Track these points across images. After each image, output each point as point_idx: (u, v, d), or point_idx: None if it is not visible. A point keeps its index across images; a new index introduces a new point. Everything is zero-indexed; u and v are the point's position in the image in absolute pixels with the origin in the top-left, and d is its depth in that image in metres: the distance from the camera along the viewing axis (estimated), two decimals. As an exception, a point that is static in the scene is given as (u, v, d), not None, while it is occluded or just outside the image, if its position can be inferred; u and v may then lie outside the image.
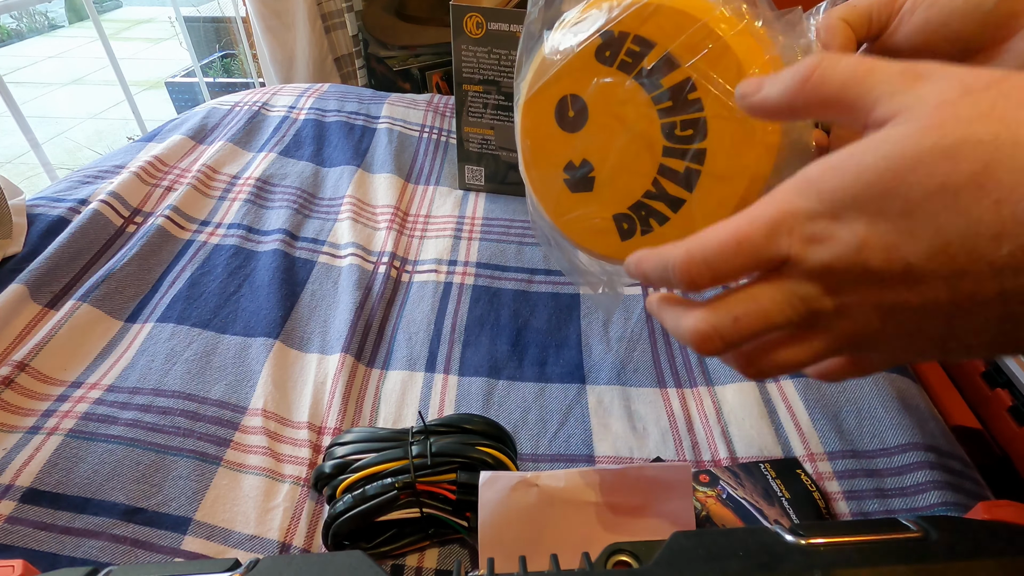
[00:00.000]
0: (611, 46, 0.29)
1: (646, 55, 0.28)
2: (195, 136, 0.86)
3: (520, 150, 0.34)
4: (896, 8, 0.27)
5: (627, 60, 0.29)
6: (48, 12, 4.06)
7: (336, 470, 0.42)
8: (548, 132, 0.32)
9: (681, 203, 0.30)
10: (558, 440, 0.50)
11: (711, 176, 0.29)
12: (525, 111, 0.33)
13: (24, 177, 2.08)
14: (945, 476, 0.44)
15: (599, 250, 0.34)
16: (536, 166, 0.34)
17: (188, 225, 0.70)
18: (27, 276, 0.58)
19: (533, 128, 0.33)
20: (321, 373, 0.54)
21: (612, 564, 0.25)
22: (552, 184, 0.33)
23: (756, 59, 0.27)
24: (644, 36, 0.28)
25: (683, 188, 0.30)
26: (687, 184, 0.29)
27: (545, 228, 0.36)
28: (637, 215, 0.31)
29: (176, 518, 0.43)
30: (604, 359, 0.57)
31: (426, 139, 0.91)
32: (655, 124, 0.29)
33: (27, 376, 0.51)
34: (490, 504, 0.35)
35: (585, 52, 0.29)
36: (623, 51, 0.29)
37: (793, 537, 0.24)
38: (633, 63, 0.29)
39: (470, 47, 0.69)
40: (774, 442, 0.48)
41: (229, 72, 2.25)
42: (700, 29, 0.27)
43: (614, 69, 0.29)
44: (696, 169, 0.29)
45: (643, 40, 0.28)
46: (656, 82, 0.28)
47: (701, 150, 0.28)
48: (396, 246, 0.70)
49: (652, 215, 0.31)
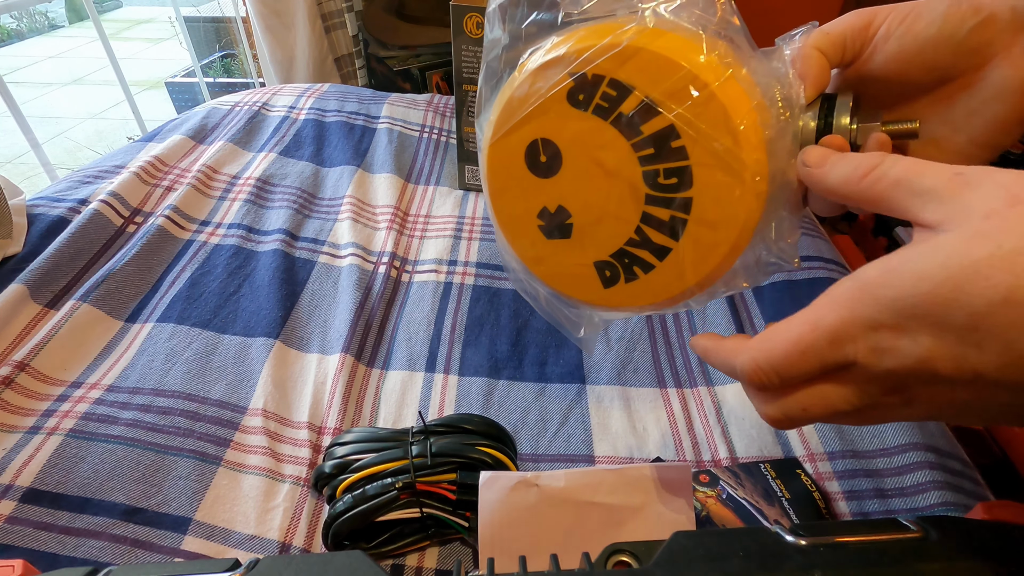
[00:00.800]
0: (584, 89, 0.27)
1: (623, 100, 0.26)
2: (195, 136, 0.86)
3: (488, 193, 0.32)
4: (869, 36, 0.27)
5: (603, 104, 0.27)
6: (48, 12, 4.06)
7: (336, 470, 0.42)
8: (518, 177, 0.30)
9: (667, 251, 0.29)
10: (558, 440, 0.50)
11: (699, 224, 0.27)
12: (491, 154, 0.31)
13: (24, 177, 2.08)
14: (945, 476, 0.44)
15: (581, 297, 0.32)
16: (507, 212, 0.32)
17: (188, 225, 0.70)
18: (27, 276, 0.58)
19: (502, 172, 0.31)
20: (321, 373, 0.54)
21: (612, 564, 0.25)
22: (525, 230, 0.32)
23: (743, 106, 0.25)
24: (621, 80, 0.26)
25: (669, 237, 0.28)
26: (673, 233, 0.28)
27: (519, 272, 0.34)
28: (620, 263, 0.30)
29: (176, 518, 0.43)
30: (604, 359, 0.57)
31: (426, 139, 0.91)
32: (636, 171, 0.28)
33: (27, 376, 0.51)
34: (490, 504, 0.35)
35: (556, 96, 0.28)
36: (598, 95, 0.27)
37: (793, 537, 0.24)
38: (609, 108, 0.27)
39: (470, 47, 0.69)
40: (774, 442, 0.48)
41: (229, 72, 2.25)
42: (684, 76, 0.25)
43: (588, 113, 0.27)
44: (682, 218, 0.27)
45: (620, 84, 0.26)
46: (636, 128, 0.27)
47: (687, 199, 0.27)
48: (396, 246, 0.70)
49: (636, 263, 0.30)
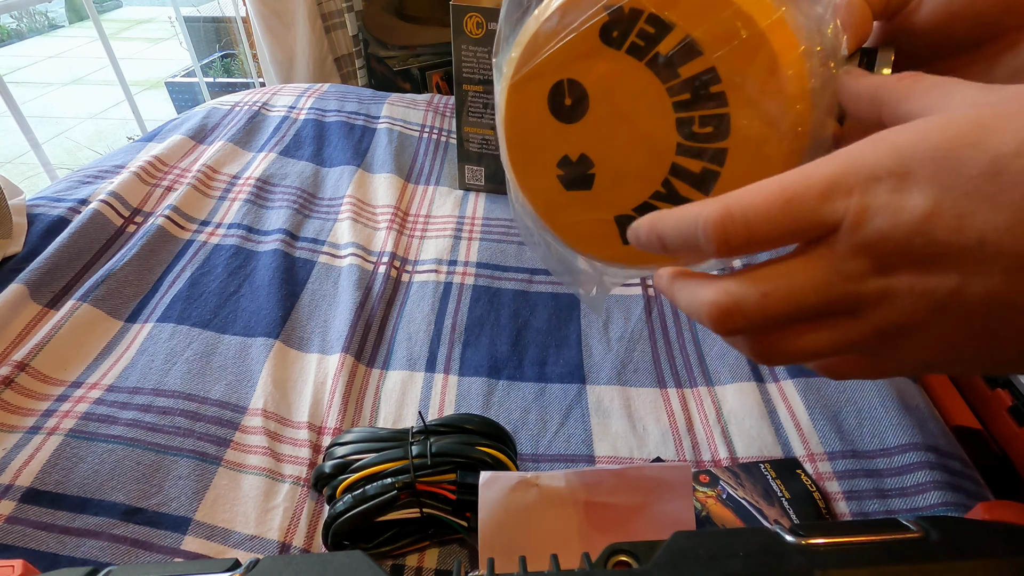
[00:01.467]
0: (619, 25, 0.25)
1: (662, 39, 0.24)
2: (195, 136, 0.86)
3: (503, 139, 0.30)
4: None
5: (638, 43, 0.25)
6: (48, 12, 4.07)
7: (336, 470, 0.42)
8: (539, 121, 0.28)
9: None
10: (558, 440, 0.50)
11: (733, 179, 0.25)
12: (511, 95, 0.28)
13: (24, 177, 2.08)
14: (945, 476, 0.44)
15: (599, 254, 0.31)
16: (523, 159, 0.30)
17: (188, 225, 0.70)
18: (27, 276, 0.58)
19: (521, 115, 0.28)
20: (321, 373, 0.54)
21: (612, 564, 0.25)
22: (542, 179, 0.29)
23: (791, 52, 0.23)
24: (661, 16, 0.24)
25: (698, 191, 0.26)
26: (703, 186, 0.26)
27: (532, 225, 0.32)
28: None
29: (176, 518, 0.43)
30: (604, 359, 0.57)
31: (426, 139, 0.91)
32: (669, 119, 0.25)
33: (27, 376, 0.51)
34: (490, 504, 0.35)
35: (588, 31, 0.25)
36: (634, 32, 0.24)
37: (793, 537, 0.24)
38: (646, 47, 0.25)
39: (470, 47, 0.69)
40: (774, 442, 0.48)
41: (229, 72, 2.25)
42: (731, 14, 0.23)
43: (622, 53, 0.25)
44: (715, 171, 0.25)
45: (659, 21, 0.24)
46: (673, 71, 0.24)
47: (722, 150, 0.25)
48: (396, 246, 0.70)
49: None
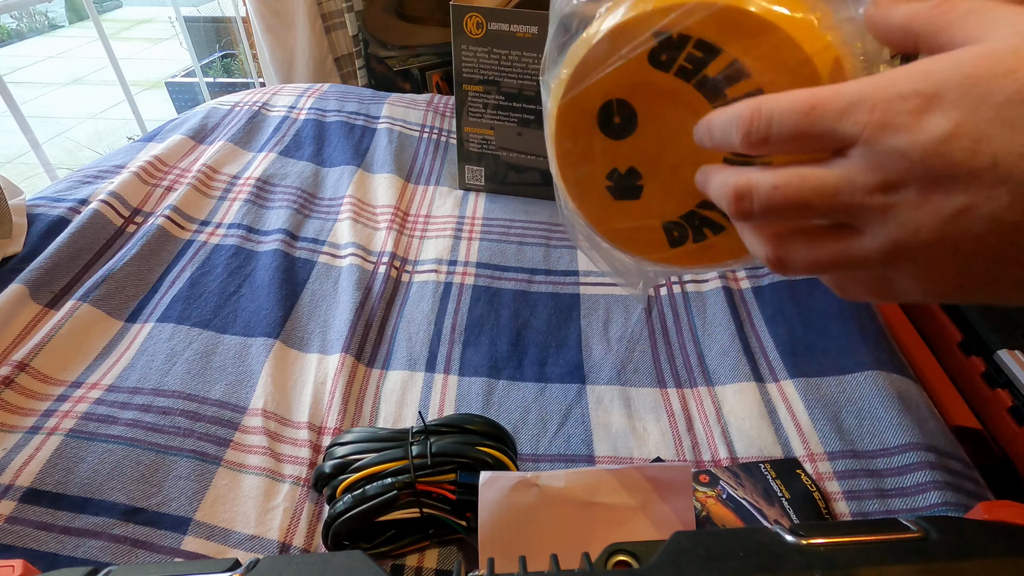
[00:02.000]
0: (668, 50, 0.26)
1: (710, 62, 0.25)
2: (195, 136, 0.86)
3: (554, 154, 0.32)
4: None
5: (687, 66, 0.26)
6: (48, 12, 4.07)
7: (336, 470, 0.42)
8: (589, 137, 0.30)
9: None
10: (558, 440, 0.50)
11: None
12: (562, 114, 0.30)
13: (24, 177, 2.08)
14: (945, 476, 0.44)
15: (648, 257, 0.32)
16: (574, 172, 0.31)
17: (188, 225, 0.70)
18: (27, 276, 0.58)
19: (571, 133, 0.30)
20: (321, 373, 0.54)
21: (612, 564, 0.25)
22: (592, 190, 0.31)
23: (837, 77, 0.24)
24: (709, 41, 0.25)
25: None
26: None
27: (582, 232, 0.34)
28: (690, 224, 0.30)
29: (176, 518, 0.43)
30: (604, 359, 0.57)
31: (426, 139, 0.91)
32: None
33: (27, 376, 0.51)
34: (490, 504, 0.35)
35: (638, 57, 0.26)
36: (683, 56, 0.25)
37: (793, 537, 0.24)
38: (694, 69, 0.26)
39: (470, 47, 0.69)
40: (774, 442, 0.48)
41: (229, 72, 2.25)
42: (780, 40, 0.24)
43: (670, 75, 0.26)
44: None
45: (707, 45, 0.25)
46: (720, 92, 0.26)
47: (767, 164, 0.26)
48: (396, 246, 0.70)
49: (707, 225, 0.30)
